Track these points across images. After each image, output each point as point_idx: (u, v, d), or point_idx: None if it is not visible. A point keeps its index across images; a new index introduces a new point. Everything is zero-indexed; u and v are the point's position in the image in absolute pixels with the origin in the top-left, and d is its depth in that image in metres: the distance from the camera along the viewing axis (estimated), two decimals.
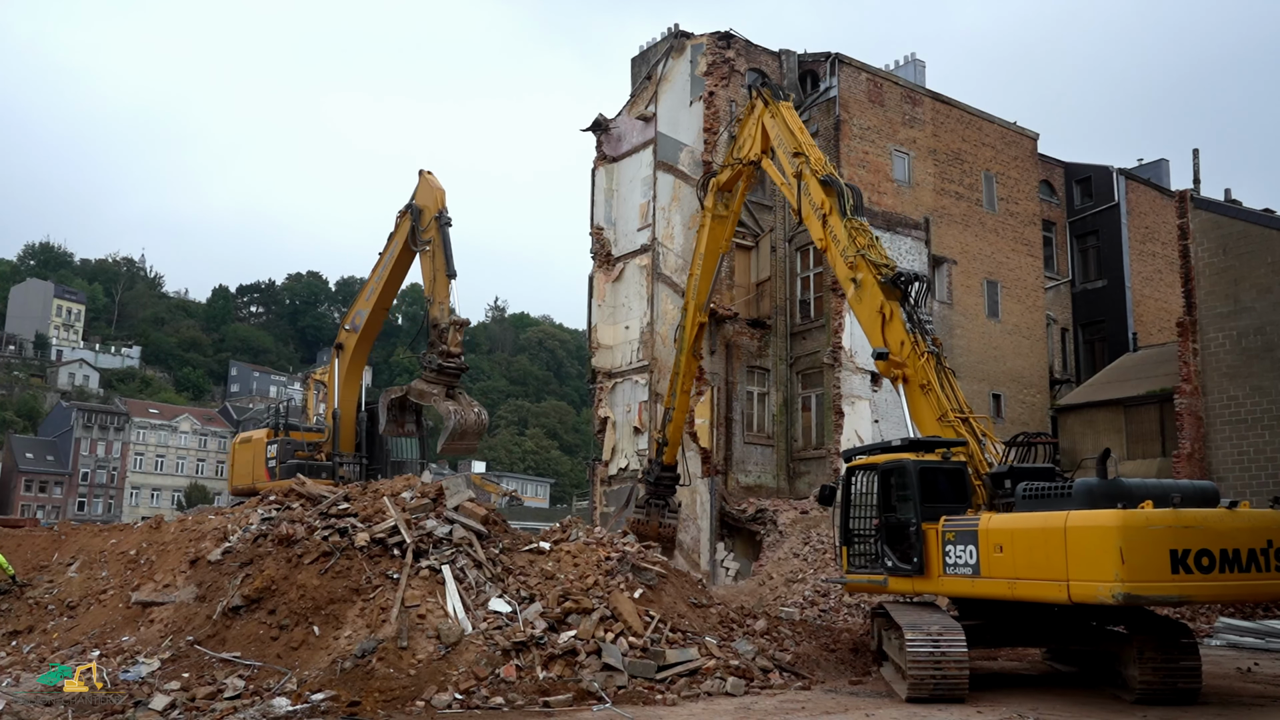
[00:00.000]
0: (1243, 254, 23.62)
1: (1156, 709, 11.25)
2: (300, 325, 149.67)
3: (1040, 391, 32.70)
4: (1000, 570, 11.76)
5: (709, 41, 29.65)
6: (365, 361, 23.89)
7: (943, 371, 14.37)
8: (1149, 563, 10.35)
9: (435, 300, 20.33)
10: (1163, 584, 10.38)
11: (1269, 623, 18.94)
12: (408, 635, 12.19)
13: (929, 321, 14.96)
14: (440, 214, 20.46)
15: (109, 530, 19.45)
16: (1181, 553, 10.42)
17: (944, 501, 13.04)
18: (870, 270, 15.16)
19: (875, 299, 15.09)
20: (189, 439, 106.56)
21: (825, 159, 17.13)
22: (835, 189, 16.36)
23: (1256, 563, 10.71)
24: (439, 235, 20.45)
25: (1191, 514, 10.67)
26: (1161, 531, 10.46)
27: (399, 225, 21.96)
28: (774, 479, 28.77)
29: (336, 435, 22.34)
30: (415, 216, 21.10)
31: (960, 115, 32.56)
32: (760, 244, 29.56)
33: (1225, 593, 11.14)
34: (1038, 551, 11.23)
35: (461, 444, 20.30)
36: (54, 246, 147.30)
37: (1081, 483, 11.36)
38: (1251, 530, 10.80)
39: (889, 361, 14.73)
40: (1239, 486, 22.88)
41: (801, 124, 18.08)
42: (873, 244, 15.62)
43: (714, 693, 12.14)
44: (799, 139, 17.52)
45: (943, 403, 14.04)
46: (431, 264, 20.51)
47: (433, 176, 21.31)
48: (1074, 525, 10.85)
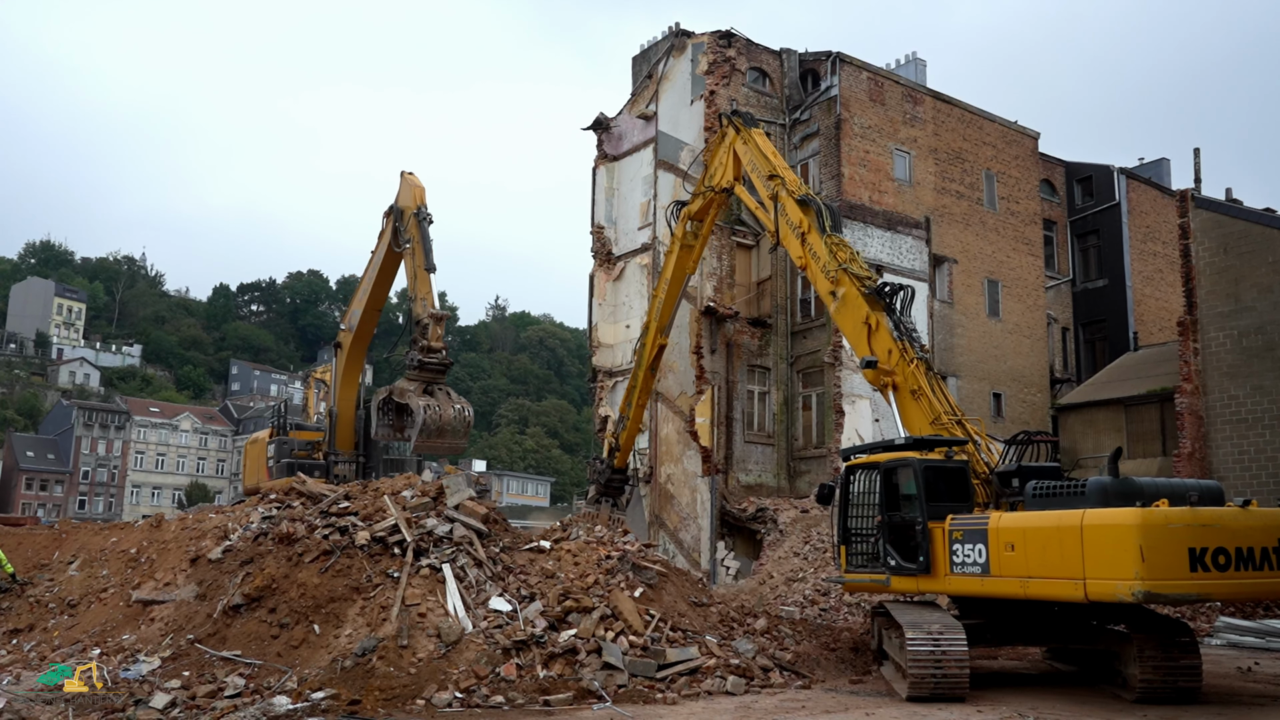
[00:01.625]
0: (1244, 253, 23.60)
1: (1157, 708, 11.25)
2: (301, 324, 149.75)
3: (1041, 391, 32.69)
4: (1012, 569, 11.75)
5: (710, 40, 29.64)
6: (363, 360, 23.96)
7: (931, 376, 14.52)
8: (1169, 561, 10.37)
9: (416, 297, 20.50)
10: (1182, 582, 10.42)
11: (1269, 622, 18.94)
12: (408, 634, 12.20)
13: (913, 330, 15.19)
14: (419, 210, 20.67)
15: (109, 529, 19.49)
16: (1200, 551, 10.46)
17: (945, 500, 13.04)
18: (853, 283, 15.52)
19: (860, 311, 15.41)
20: (190, 438, 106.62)
21: (800, 180, 17.59)
22: (813, 207, 16.84)
23: (1270, 561, 10.76)
24: (418, 232, 20.61)
25: (1209, 513, 10.72)
26: (1181, 530, 10.49)
27: (384, 226, 22.23)
28: (774, 478, 28.77)
29: (333, 434, 22.43)
30: (397, 217, 21.30)
31: (961, 114, 32.55)
32: (761, 243, 29.55)
33: (1241, 591, 11.22)
34: (1052, 550, 11.23)
35: (441, 442, 20.10)
36: (55, 245, 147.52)
37: (1095, 481, 11.37)
38: (1265, 529, 10.86)
39: (878, 370, 14.93)
40: (1240, 486, 22.86)
41: (774, 149, 18.57)
42: (854, 258, 15.97)
43: (714, 691, 12.14)
44: (773, 162, 17.99)
45: (935, 406, 14.19)
46: (413, 262, 20.70)
47: (413, 176, 21.49)
48: (1091, 524, 10.85)
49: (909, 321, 15.16)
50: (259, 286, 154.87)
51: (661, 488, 28.77)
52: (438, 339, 20.14)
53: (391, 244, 21.69)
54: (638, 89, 32.23)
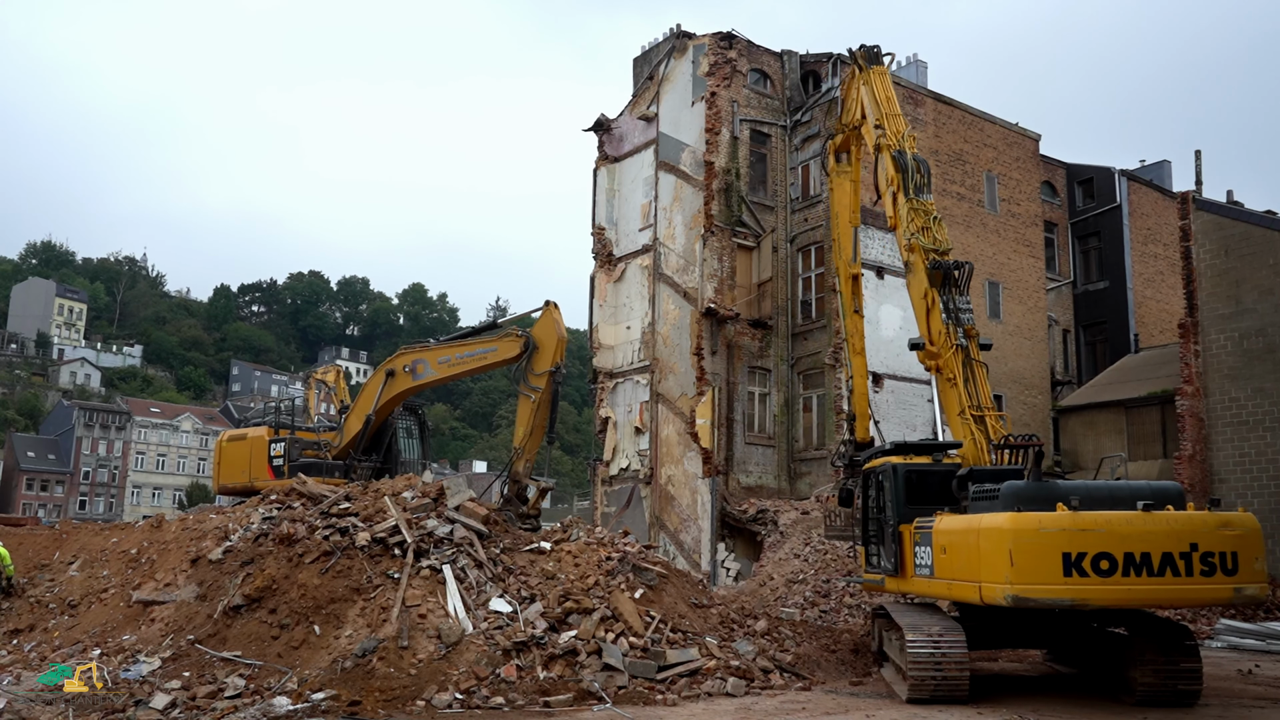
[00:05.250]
0: (1244, 255, 23.60)
1: (1157, 711, 11.24)
2: (302, 325, 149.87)
3: (1042, 393, 32.69)
4: (944, 571, 12.01)
5: (711, 42, 29.65)
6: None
7: (970, 364, 14.21)
8: (1039, 566, 10.41)
9: (524, 455, 18.61)
10: (1053, 587, 10.41)
11: (1270, 624, 18.94)
12: (408, 635, 12.20)
13: (965, 311, 14.69)
14: (557, 369, 18.52)
15: (110, 529, 19.49)
16: (1076, 556, 10.40)
17: (934, 504, 13.14)
18: (920, 255, 14.88)
19: (920, 285, 14.86)
20: (190, 438, 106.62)
21: (905, 130, 16.38)
22: (902, 165, 15.80)
23: (1174, 567, 10.49)
24: (549, 391, 18.61)
25: (1090, 517, 10.61)
26: (1055, 535, 10.47)
27: (504, 340, 19.63)
28: (775, 479, 28.77)
29: (362, 439, 22.12)
30: (530, 351, 18.72)
31: (962, 116, 32.55)
32: (762, 244, 29.56)
33: (1130, 598, 10.68)
34: (964, 554, 11.48)
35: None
36: (56, 245, 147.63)
37: (1009, 485, 11.42)
38: (1169, 534, 10.57)
39: (925, 351, 14.65)
40: (1240, 488, 22.87)
41: (891, 91, 17.11)
42: (928, 226, 15.16)
43: (714, 693, 12.14)
44: (882, 109, 16.77)
45: (962, 399, 13.98)
46: (531, 415, 18.60)
47: (558, 313, 19.11)
48: (980, 528, 11.11)
49: (964, 301, 14.61)
50: (260, 287, 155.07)
51: (662, 489, 28.77)
52: (536, 509, 18.58)
53: (511, 369, 19.60)
54: (639, 90, 32.25)
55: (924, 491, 13.44)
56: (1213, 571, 10.54)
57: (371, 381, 21.90)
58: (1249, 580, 10.63)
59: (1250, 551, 10.69)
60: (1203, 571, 10.53)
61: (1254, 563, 10.68)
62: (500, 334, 19.89)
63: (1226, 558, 10.58)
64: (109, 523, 23.60)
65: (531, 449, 18.71)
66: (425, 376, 20.73)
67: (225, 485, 24.84)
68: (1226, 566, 10.56)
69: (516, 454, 18.65)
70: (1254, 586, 10.67)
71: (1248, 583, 10.62)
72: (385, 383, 21.10)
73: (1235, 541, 10.65)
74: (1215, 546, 10.59)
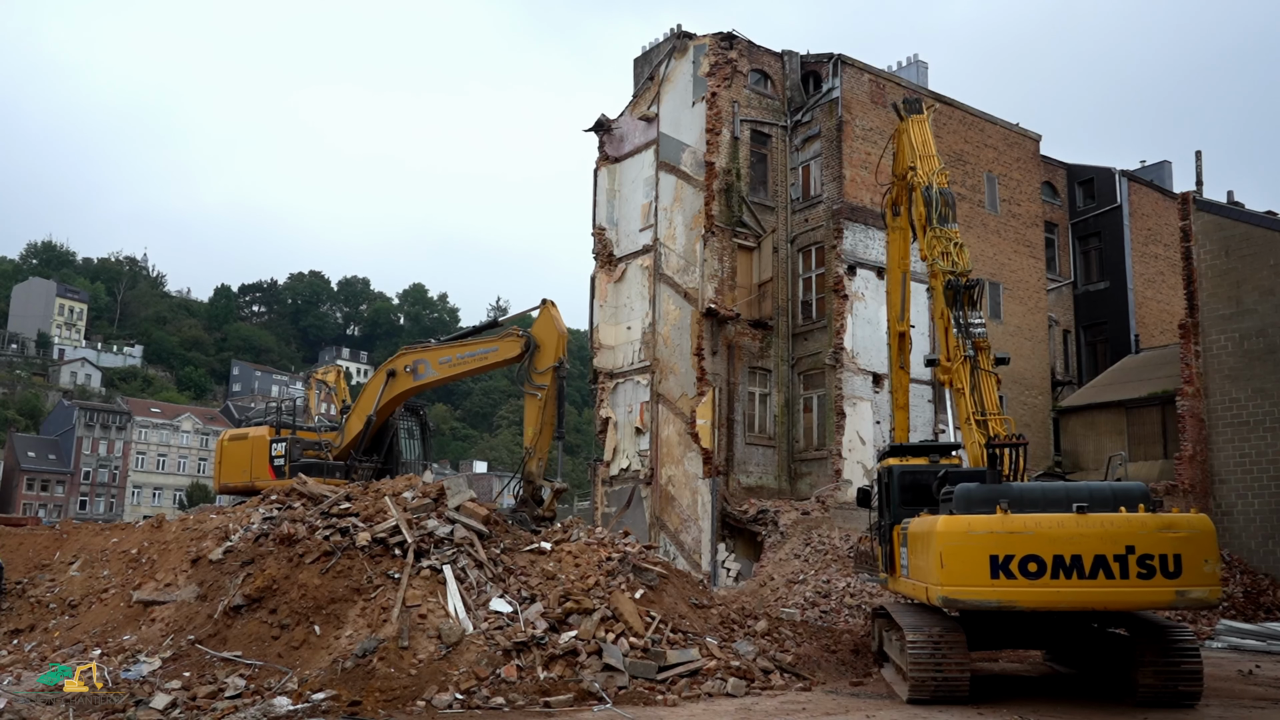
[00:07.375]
0: (1245, 256, 23.60)
1: (1158, 712, 11.24)
2: (302, 325, 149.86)
3: (1042, 393, 32.68)
4: (913, 572, 12.41)
5: (711, 42, 29.65)
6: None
7: (978, 373, 14.61)
8: (967, 568, 10.55)
9: (536, 455, 18.60)
10: (980, 589, 10.52)
11: (1270, 625, 18.94)
12: (409, 635, 12.20)
13: (973, 325, 15.19)
14: (560, 364, 18.54)
15: (110, 529, 19.48)
16: (1003, 558, 10.45)
17: (925, 505, 13.29)
18: (940, 280, 15.67)
19: (938, 306, 15.71)
20: (191, 438, 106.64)
21: (936, 168, 17.09)
22: (928, 199, 16.60)
23: (1108, 569, 10.44)
24: (554, 388, 18.60)
25: (1018, 519, 10.65)
26: (983, 537, 10.57)
27: (505, 340, 19.64)
28: (775, 480, 28.76)
29: (363, 439, 22.15)
30: (531, 350, 18.76)
31: (963, 116, 32.55)
32: (762, 245, 29.55)
33: (1060, 600, 10.60)
34: (922, 555, 11.82)
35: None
36: (56, 245, 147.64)
37: (961, 488, 11.62)
38: (1102, 536, 10.52)
39: (940, 366, 15.38)
40: (1241, 489, 22.86)
41: (928, 135, 17.87)
42: (947, 252, 15.81)
43: (715, 693, 12.15)
44: (918, 151, 17.61)
45: (968, 406, 14.41)
46: (539, 414, 18.53)
47: (556, 311, 19.27)
48: (923, 530, 11.49)
49: (976, 315, 15.26)
50: (260, 287, 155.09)
51: (662, 489, 28.77)
52: (551, 511, 18.55)
53: (514, 370, 19.57)
54: (639, 91, 32.25)
55: (916, 493, 13.79)
56: (1151, 574, 10.46)
57: (372, 382, 21.87)
58: (1195, 583, 10.48)
59: (1198, 554, 10.53)
60: (1140, 574, 10.45)
61: (1202, 565, 10.52)
62: (501, 334, 19.97)
63: (1168, 560, 10.47)
64: (109, 523, 23.58)
65: (543, 447, 18.70)
66: (426, 377, 20.76)
67: (226, 485, 24.88)
68: (1168, 569, 10.45)
69: (528, 454, 18.60)
70: (1200, 589, 10.50)
71: (1192, 585, 10.47)
72: (386, 383, 21.08)
73: (1179, 544, 10.53)
74: (1155, 549, 10.51)
